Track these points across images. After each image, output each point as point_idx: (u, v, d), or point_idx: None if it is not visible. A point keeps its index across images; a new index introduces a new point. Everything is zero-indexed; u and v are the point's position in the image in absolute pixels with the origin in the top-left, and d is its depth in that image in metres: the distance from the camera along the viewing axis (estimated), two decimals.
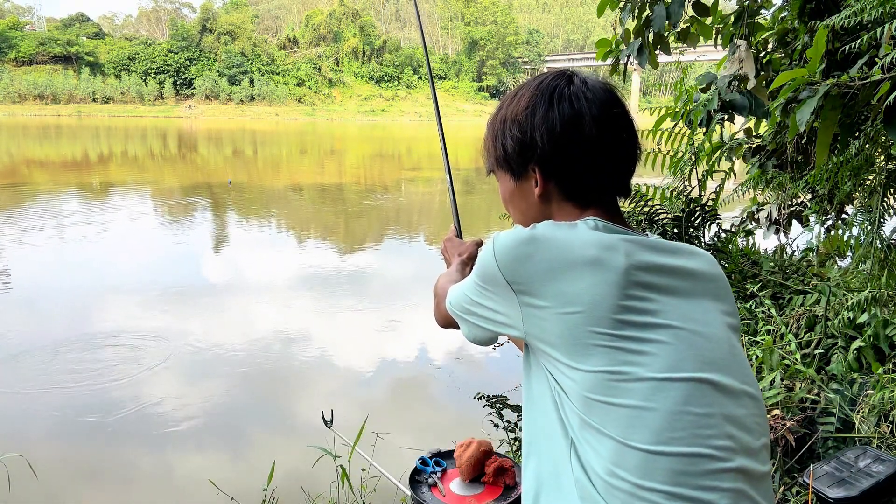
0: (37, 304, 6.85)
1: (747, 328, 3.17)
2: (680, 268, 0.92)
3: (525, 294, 0.87)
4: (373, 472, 2.61)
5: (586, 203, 0.97)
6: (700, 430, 0.83)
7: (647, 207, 3.92)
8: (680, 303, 0.89)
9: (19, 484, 3.30)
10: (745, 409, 0.89)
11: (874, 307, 2.83)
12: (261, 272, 8.48)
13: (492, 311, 0.93)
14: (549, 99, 0.95)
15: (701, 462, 0.82)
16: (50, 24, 69.08)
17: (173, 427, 4.34)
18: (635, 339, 0.84)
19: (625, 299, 0.84)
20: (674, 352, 0.85)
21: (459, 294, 1.01)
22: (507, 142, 0.99)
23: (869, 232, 3.97)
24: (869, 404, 2.56)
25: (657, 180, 4.18)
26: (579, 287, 0.84)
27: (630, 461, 0.81)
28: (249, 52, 63.70)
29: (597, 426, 0.83)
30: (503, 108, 1.02)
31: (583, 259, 0.85)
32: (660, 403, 0.83)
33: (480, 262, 0.93)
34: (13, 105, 53.08)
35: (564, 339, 0.84)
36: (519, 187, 1.01)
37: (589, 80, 0.98)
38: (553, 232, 0.88)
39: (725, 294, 0.98)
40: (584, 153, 0.94)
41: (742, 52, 3.07)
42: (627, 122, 0.98)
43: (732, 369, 0.90)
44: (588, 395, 0.83)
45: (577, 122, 0.93)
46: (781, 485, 2.36)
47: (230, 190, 16.49)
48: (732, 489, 0.83)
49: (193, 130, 42.93)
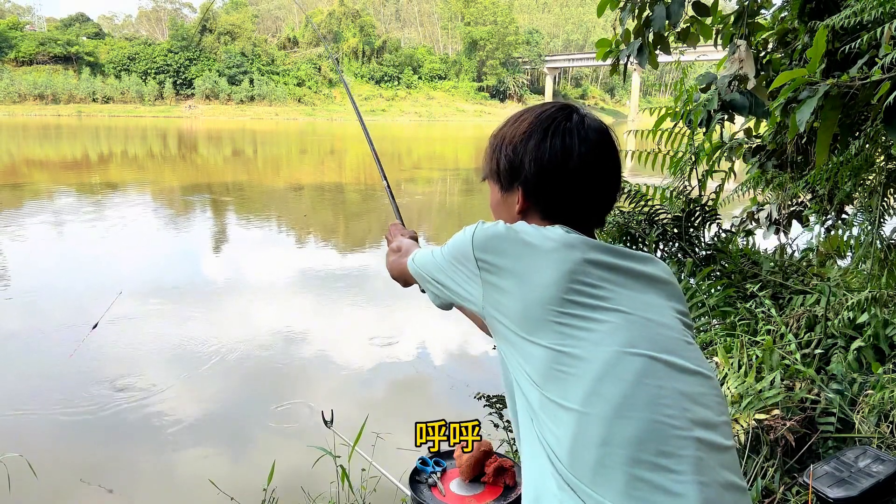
0: (36, 303, 6.85)
1: (747, 328, 3.17)
2: (633, 269, 1.00)
3: (488, 273, 0.97)
4: (373, 472, 2.61)
5: (561, 223, 1.05)
6: (657, 400, 0.88)
7: (647, 207, 3.92)
8: (631, 294, 0.97)
9: (19, 484, 3.30)
10: (701, 387, 0.95)
11: (874, 307, 2.83)
12: (261, 271, 8.47)
13: (455, 283, 1.03)
14: (545, 130, 1.04)
15: (660, 429, 0.86)
16: (50, 24, 69.04)
17: (173, 427, 4.34)
18: (583, 317, 0.92)
19: (575, 283, 0.93)
20: (626, 331, 0.92)
21: (427, 259, 1.13)
22: (502, 159, 1.09)
23: (869, 232, 3.97)
24: (869, 404, 2.56)
25: (657, 180, 4.18)
26: (537, 271, 0.94)
27: (592, 430, 0.86)
28: (249, 52, 63.66)
29: (555, 399, 0.89)
30: (506, 127, 1.11)
31: (544, 248, 0.95)
32: (617, 374, 0.88)
33: (456, 240, 1.03)
34: (13, 105, 53.00)
35: (520, 314, 0.94)
36: (504, 199, 1.12)
37: (588, 118, 1.07)
38: (525, 227, 1.00)
39: (678, 297, 1.06)
40: (564, 186, 1.04)
41: (742, 52, 3.07)
42: (614, 165, 1.08)
43: (686, 353, 0.96)
44: (545, 365, 0.91)
45: (564, 157, 1.02)
46: (781, 485, 2.36)
47: (230, 190, 16.48)
48: (693, 456, 0.86)
49: (193, 130, 42.93)
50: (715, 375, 1.00)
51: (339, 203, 15.16)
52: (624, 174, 3.91)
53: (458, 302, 1.07)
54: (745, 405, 2.52)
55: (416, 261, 1.16)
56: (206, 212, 13.50)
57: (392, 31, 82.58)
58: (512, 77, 72.43)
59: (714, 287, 3.48)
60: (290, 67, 65.35)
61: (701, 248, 3.89)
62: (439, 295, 1.10)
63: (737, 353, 2.87)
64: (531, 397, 0.93)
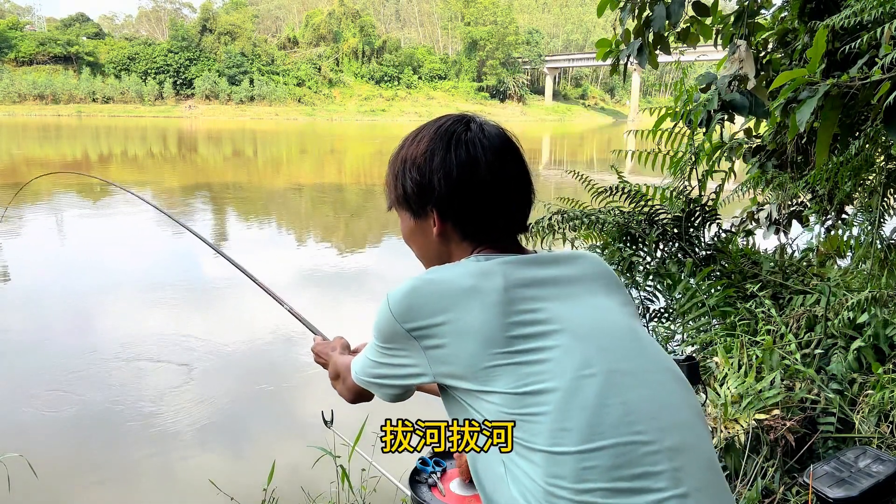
0: (36, 304, 6.85)
1: (747, 328, 3.17)
2: (561, 276, 0.97)
3: (424, 338, 0.91)
4: (373, 472, 2.61)
5: (481, 241, 1.01)
6: (623, 419, 0.85)
7: (647, 207, 3.92)
8: (568, 306, 0.93)
9: (19, 484, 3.30)
10: (664, 385, 0.92)
11: (874, 307, 2.83)
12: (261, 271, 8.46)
13: (399, 367, 0.97)
14: (447, 144, 0.99)
15: (632, 450, 0.84)
16: (50, 24, 69.03)
17: (173, 427, 4.34)
18: (532, 350, 0.87)
19: (510, 316, 0.88)
20: (577, 352, 0.88)
21: (363, 362, 1.05)
22: (408, 183, 1.02)
23: (869, 232, 3.97)
24: (869, 404, 2.56)
25: (657, 180, 4.18)
26: (468, 316, 0.88)
27: (564, 468, 0.82)
28: (249, 52, 63.64)
29: (523, 443, 0.85)
30: (404, 149, 1.05)
31: (463, 289, 0.90)
32: (578, 403, 0.85)
33: (378, 324, 0.96)
34: (13, 105, 52.99)
35: (469, 367, 0.88)
36: (418, 225, 1.05)
37: (486, 125, 1.03)
38: (434, 274, 0.94)
39: (616, 287, 1.03)
40: (478, 197, 0.98)
41: (742, 52, 3.07)
42: (521, 167, 1.04)
43: (640, 353, 0.93)
44: (508, 412, 0.86)
45: (472, 167, 0.98)
46: (781, 485, 2.36)
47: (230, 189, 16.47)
48: (669, 469, 0.84)
49: (193, 130, 42.92)
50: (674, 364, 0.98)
51: (339, 203, 15.16)
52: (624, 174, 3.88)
53: (411, 384, 0.99)
54: (745, 405, 2.52)
55: (357, 373, 1.07)
56: (206, 211, 13.50)
57: (392, 31, 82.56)
58: (512, 77, 72.41)
59: (714, 287, 3.48)
60: (290, 67, 65.33)
61: (701, 248, 3.89)
62: (392, 391, 1.03)
63: (737, 353, 2.87)
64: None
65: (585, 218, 3.76)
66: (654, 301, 3.90)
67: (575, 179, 4.14)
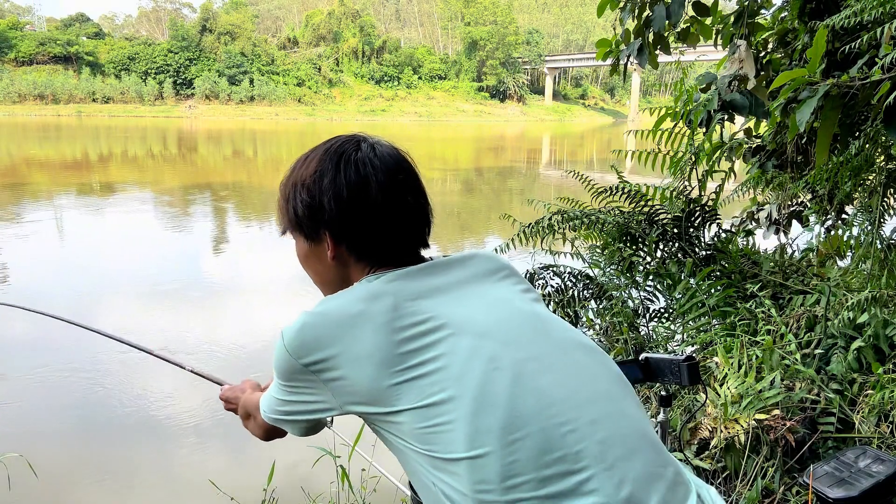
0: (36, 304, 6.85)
1: (747, 328, 3.17)
2: (455, 280, 0.95)
3: (322, 371, 0.90)
4: (373, 472, 2.61)
5: (377, 261, 0.99)
6: (537, 404, 0.84)
7: (647, 207, 3.92)
8: (462, 308, 0.91)
9: (19, 484, 3.30)
10: (574, 363, 0.91)
11: (874, 307, 2.83)
12: (261, 271, 8.47)
13: (305, 403, 0.95)
14: (337, 164, 0.97)
15: (551, 434, 0.82)
16: (50, 24, 69.02)
17: (173, 427, 4.34)
18: (428, 360, 0.85)
19: (399, 332, 0.87)
20: (483, 350, 0.87)
21: (269, 401, 1.03)
22: (298, 206, 1.00)
23: (869, 232, 3.97)
24: (869, 404, 2.56)
25: (657, 180, 4.18)
26: (359, 342, 0.87)
27: (488, 471, 0.81)
28: (249, 52, 63.64)
29: (442, 455, 0.83)
30: (294, 171, 1.03)
31: (350, 316, 0.89)
32: (489, 401, 0.83)
33: (277, 362, 0.95)
34: (13, 105, 52.96)
35: (371, 392, 0.87)
36: (313, 250, 1.03)
37: (378, 145, 1.01)
38: (324, 306, 0.93)
39: (514, 276, 1.02)
40: (370, 218, 0.96)
41: (742, 52, 3.07)
42: (414, 186, 1.01)
43: (545, 336, 0.92)
44: (419, 427, 0.85)
45: (363, 187, 0.96)
46: (781, 485, 2.36)
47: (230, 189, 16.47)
48: (592, 443, 0.83)
49: (193, 130, 42.92)
50: (588, 340, 0.97)
51: None
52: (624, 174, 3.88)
53: (319, 418, 0.98)
54: (745, 405, 2.52)
55: (266, 411, 1.06)
56: (205, 212, 13.50)
57: (392, 31, 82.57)
58: (512, 77, 72.41)
59: (714, 287, 3.48)
60: (290, 67, 65.33)
61: (701, 248, 3.89)
62: (302, 426, 1.02)
63: (737, 353, 2.87)
64: (422, 465, 0.87)
65: (585, 218, 3.76)
66: (654, 301, 3.90)
67: (575, 179, 4.14)
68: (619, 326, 3.55)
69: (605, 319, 3.70)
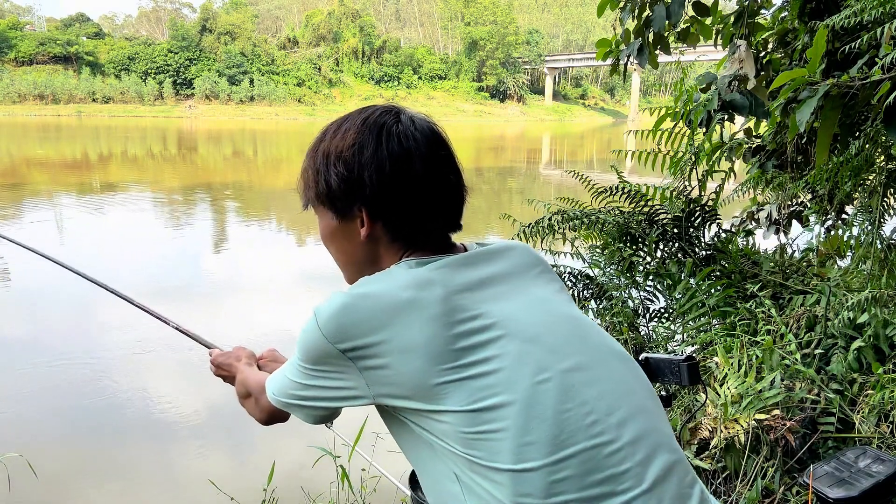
0: (37, 304, 6.85)
1: (747, 328, 3.17)
2: (498, 273, 0.92)
3: (362, 359, 0.84)
4: (373, 472, 2.61)
5: (412, 243, 0.94)
6: (583, 421, 0.82)
7: (647, 207, 3.92)
8: (511, 305, 0.88)
9: (19, 484, 3.30)
10: (613, 373, 0.89)
11: (874, 307, 2.83)
12: (261, 270, 8.48)
13: (329, 389, 0.89)
14: (378, 136, 0.91)
15: (597, 453, 0.81)
16: (50, 24, 69.01)
17: (173, 427, 4.34)
18: (481, 361, 0.82)
19: (453, 326, 0.82)
20: (529, 356, 0.84)
21: (283, 382, 0.96)
22: (332, 179, 0.92)
23: (869, 232, 3.97)
24: (869, 404, 2.56)
25: (657, 180, 4.18)
26: (409, 332, 0.82)
27: (532, 485, 0.79)
28: (249, 52, 63.63)
29: (485, 463, 0.80)
30: (326, 141, 0.95)
31: (401, 303, 0.83)
32: (538, 414, 0.81)
33: (305, 344, 0.88)
34: (13, 105, 52.95)
35: (416, 387, 0.82)
36: (342, 227, 0.96)
37: (415, 118, 0.96)
38: (367, 288, 0.86)
39: (549, 274, 0.99)
40: (412, 193, 0.91)
41: (742, 52, 3.07)
42: (453, 163, 0.97)
43: (585, 343, 0.90)
44: (464, 431, 0.81)
45: (406, 162, 0.90)
46: (781, 485, 2.36)
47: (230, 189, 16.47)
48: (633, 465, 0.83)
49: (193, 130, 42.92)
50: (622, 349, 0.95)
51: None
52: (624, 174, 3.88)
53: (343, 406, 0.92)
54: (745, 405, 2.52)
55: (275, 392, 0.98)
56: (205, 211, 13.50)
57: (392, 31, 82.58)
58: (512, 77, 72.40)
59: (714, 287, 3.48)
60: (290, 67, 65.32)
61: (701, 248, 3.89)
62: (317, 413, 0.95)
63: (737, 353, 2.87)
64: (457, 465, 0.83)
65: (585, 218, 3.76)
66: (654, 301, 3.90)
67: (575, 179, 4.14)
68: (619, 326, 3.55)
69: (605, 319, 3.69)
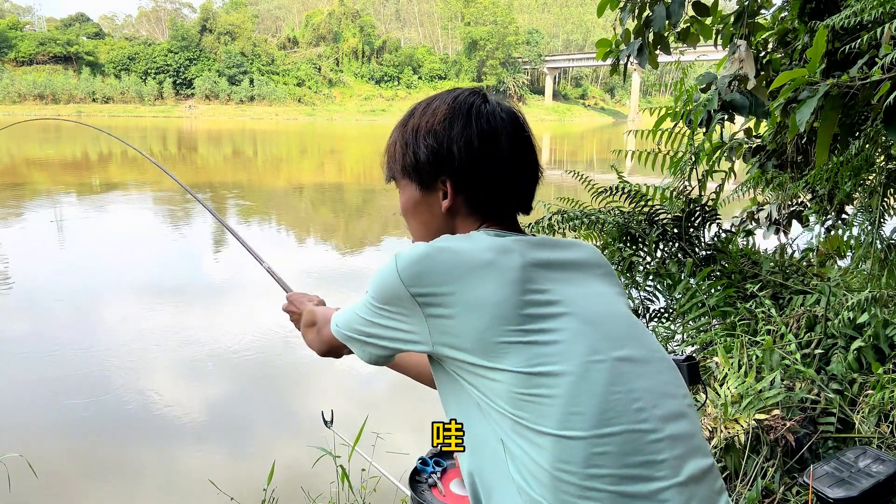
0: (37, 304, 6.85)
1: (747, 328, 3.17)
2: (569, 260, 0.97)
3: (430, 306, 0.88)
4: (373, 472, 2.61)
5: (488, 217, 1.00)
6: (629, 406, 0.86)
7: (647, 207, 3.91)
8: (577, 290, 0.93)
9: (19, 484, 3.30)
10: (662, 374, 0.93)
11: (874, 307, 2.83)
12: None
13: (393, 330, 0.94)
14: (468, 113, 0.98)
15: (638, 438, 0.85)
16: (50, 24, 69.00)
17: (173, 427, 4.34)
18: (545, 330, 0.86)
19: (525, 294, 0.87)
20: (586, 337, 0.88)
21: (350, 317, 1.02)
22: (421, 150, 0.99)
23: (869, 232, 3.97)
24: (869, 404, 2.56)
25: (657, 180, 4.18)
26: (482, 289, 0.86)
27: (574, 453, 0.82)
28: (249, 52, 63.65)
29: (530, 425, 0.84)
30: (416, 117, 1.02)
31: (481, 262, 0.88)
32: (588, 388, 0.85)
33: (380, 283, 0.93)
34: (13, 105, 52.96)
35: (478, 341, 0.86)
36: (424, 198, 1.02)
37: (500, 102, 1.02)
38: (450, 243, 0.92)
39: (612, 276, 1.04)
40: (496, 169, 0.97)
41: (742, 52, 3.07)
42: (533, 147, 1.03)
43: (639, 341, 0.94)
44: (516, 391, 0.84)
45: (493, 138, 0.97)
46: (781, 485, 2.36)
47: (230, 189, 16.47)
48: (671, 458, 0.86)
49: (193, 130, 42.92)
50: (668, 355, 0.99)
51: (339, 203, 15.16)
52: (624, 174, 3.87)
53: (402, 349, 0.96)
54: (745, 405, 2.52)
55: (339, 325, 1.04)
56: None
57: (392, 31, 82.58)
58: (512, 77, 72.40)
59: (714, 287, 3.48)
60: (290, 67, 65.34)
61: (701, 248, 3.89)
62: (375, 351, 0.99)
63: (737, 353, 2.87)
64: (501, 427, 0.86)
65: (585, 218, 3.76)
66: (654, 301, 3.90)
67: (575, 179, 4.13)
68: None
69: None
